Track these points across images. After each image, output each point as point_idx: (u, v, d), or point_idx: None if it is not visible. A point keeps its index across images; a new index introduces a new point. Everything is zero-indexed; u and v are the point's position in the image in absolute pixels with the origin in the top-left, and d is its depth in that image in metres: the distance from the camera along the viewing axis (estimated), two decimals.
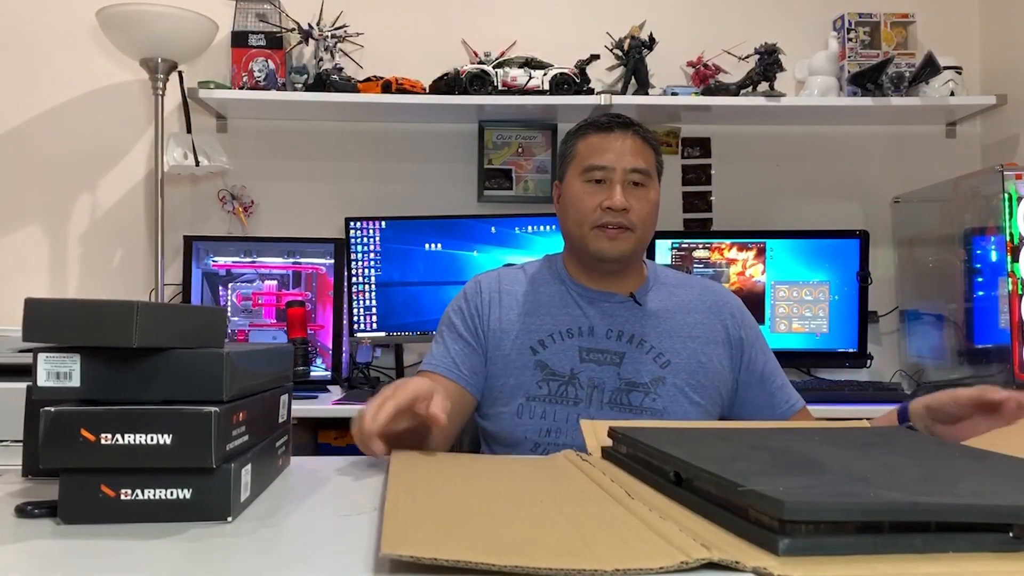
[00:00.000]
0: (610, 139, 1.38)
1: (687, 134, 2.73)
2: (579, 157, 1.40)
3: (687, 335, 1.39)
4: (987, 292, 2.25)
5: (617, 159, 1.36)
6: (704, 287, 1.47)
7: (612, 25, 2.60)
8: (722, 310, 1.43)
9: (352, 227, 2.47)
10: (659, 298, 1.42)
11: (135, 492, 0.72)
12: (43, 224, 2.61)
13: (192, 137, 2.44)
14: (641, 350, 1.36)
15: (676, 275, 1.50)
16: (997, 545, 0.60)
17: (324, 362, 2.47)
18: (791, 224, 2.65)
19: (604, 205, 1.35)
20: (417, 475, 0.87)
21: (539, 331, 1.38)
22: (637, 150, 1.38)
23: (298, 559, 0.64)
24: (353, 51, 2.60)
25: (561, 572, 0.56)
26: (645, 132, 1.42)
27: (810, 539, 0.59)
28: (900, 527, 0.60)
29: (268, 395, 0.88)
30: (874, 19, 2.59)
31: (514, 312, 1.40)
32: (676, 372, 1.36)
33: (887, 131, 2.75)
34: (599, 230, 1.36)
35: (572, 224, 1.39)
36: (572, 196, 1.39)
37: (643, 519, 0.68)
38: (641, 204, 1.37)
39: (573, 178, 1.40)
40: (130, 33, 2.29)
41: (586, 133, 1.41)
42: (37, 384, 0.73)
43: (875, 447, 0.86)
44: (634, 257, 1.41)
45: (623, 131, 1.39)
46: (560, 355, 1.36)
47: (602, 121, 1.41)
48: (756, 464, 0.73)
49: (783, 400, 1.42)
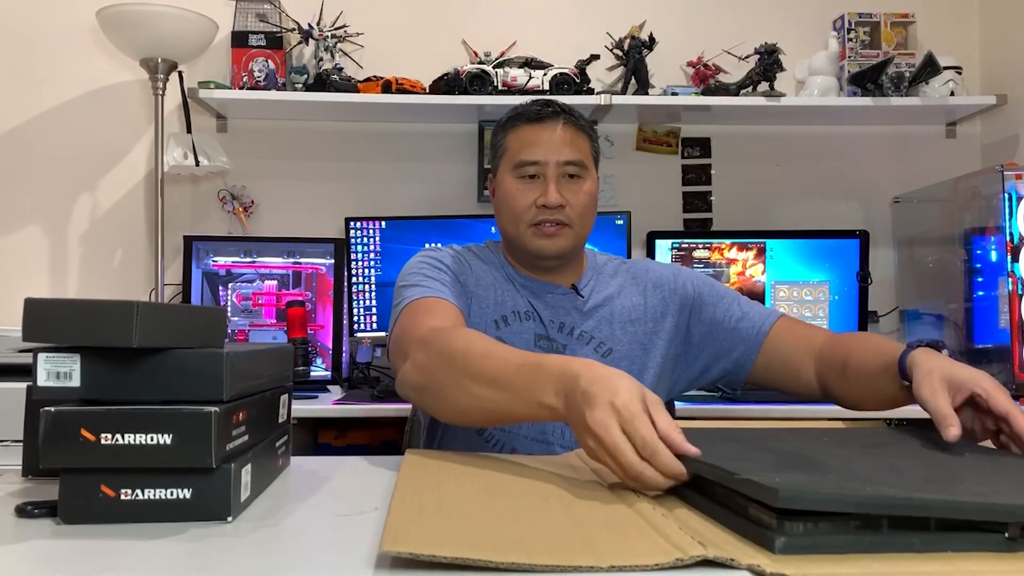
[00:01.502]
0: (541, 131, 1.31)
1: (687, 134, 2.73)
2: (510, 151, 1.33)
3: (627, 319, 1.36)
4: (987, 292, 2.25)
5: (549, 153, 1.30)
6: (640, 268, 1.43)
7: (612, 25, 2.60)
8: (659, 284, 1.39)
9: (352, 227, 2.47)
10: (600, 287, 1.39)
11: (135, 492, 0.72)
12: (43, 224, 2.61)
13: (192, 137, 2.44)
14: (582, 341, 1.33)
15: (615, 261, 1.46)
16: (993, 545, 0.60)
17: (324, 362, 2.47)
18: (791, 224, 2.65)
19: (539, 203, 1.29)
20: (426, 474, 0.87)
21: (502, 307, 1.34)
22: (571, 140, 1.31)
23: (298, 559, 0.64)
24: (353, 51, 2.60)
25: (558, 568, 0.56)
26: (579, 119, 1.34)
27: (807, 537, 0.59)
28: (897, 526, 0.60)
29: (268, 395, 0.88)
30: (874, 19, 2.59)
31: (480, 282, 1.35)
32: (618, 360, 1.33)
33: (887, 131, 2.75)
34: (535, 228, 1.30)
35: (507, 222, 1.34)
36: (505, 193, 1.33)
37: (646, 518, 0.69)
38: (577, 197, 1.31)
39: (505, 174, 1.34)
40: (130, 33, 2.29)
41: (516, 124, 1.33)
42: (37, 384, 0.73)
43: (883, 448, 0.86)
44: (574, 252, 1.36)
45: (554, 121, 1.31)
46: (518, 337, 1.32)
47: (532, 110, 1.33)
48: (759, 464, 0.73)
49: (749, 328, 1.34)
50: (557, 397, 0.87)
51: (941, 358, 1.00)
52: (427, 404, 1.08)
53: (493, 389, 0.95)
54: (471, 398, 0.97)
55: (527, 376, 0.92)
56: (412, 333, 1.15)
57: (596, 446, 0.79)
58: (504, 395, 0.93)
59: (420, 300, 1.24)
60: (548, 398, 0.88)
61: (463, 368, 0.99)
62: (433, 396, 1.04)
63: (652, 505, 0.73)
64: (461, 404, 0.99)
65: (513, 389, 0.93)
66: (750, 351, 1.33)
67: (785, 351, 1.31)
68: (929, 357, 1.00)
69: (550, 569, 0.56)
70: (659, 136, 2.72)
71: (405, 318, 1.21)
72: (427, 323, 1.15)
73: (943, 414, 0.89)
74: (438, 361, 1.04)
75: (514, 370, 0.94)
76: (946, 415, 0.89)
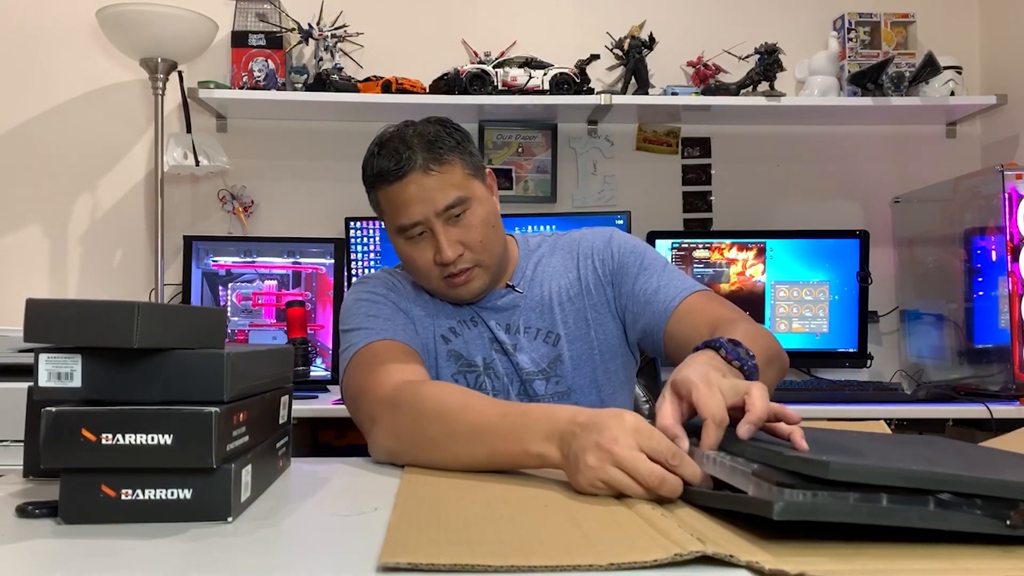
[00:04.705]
0: (406, 187, 1.20)
1: (687, 134, 2.73)
2: (387, 215, 1.26)
3: (566, 299, 1.33)
4: (987, 292, 2.25)
5: (425, 208, 1.20)
6: (570, 241, 1.38)
7: (612, 25, 2.60)
8: (589, 255, 1.35)
9: (352, 227, 2.47)
10: (536, 274, 1.35)
11: (135, 492, 0.72)
12: (43, 224, 2.61)
13: (192, 137, 2.44)
14: (529, 336, 1.31)
15: (546, 241, 1.40)
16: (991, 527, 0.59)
17: (324, 362, 2.47)
18: (791, 224, 2.65)
19: (436, 260, 1.23)
20: (426, 484, 0.87)
21: (447, 319, 1.31)
22: (440, 182, 1.21)
23: (298, 559, 0.64)
24: (353, 51, 2.60)
25: (557, 568, 0.56)
26: (439, 150, 1.21)
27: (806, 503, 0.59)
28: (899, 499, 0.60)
29: (268, 396, 0.89)
30: (874, 19, 2.59)
31: (418, 301, 1.32)
32: (570, 343, 1.31)
33: (887, 131, 2.75)
34: (446, 281, 1.25)
35: (419, 279, 1.29)
36: (403, 256, 1.27)
37: (646, 517, 0.69)
38: (471, 233, 1.23)
39: (393, 236, 1.27)
40: (130, 33, 2.29)
41: (379, 185, 1.24)
42: (38, 384, 0.73)
43: (912, 444, 0.87)
44: (494, 279, 1.30)
45: (413, 172, 1.20)
46: (472, 343, 1.30)
47: (389, 169, 1.21)
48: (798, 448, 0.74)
49: (662, 301, 1.27)
50: (548, 442, 0.84)
51: (692, 360, 0.91)
52: (406, 464, 1.01)
53: (473, 444, 0.92)
54: (452, 456, 0.94)
55: (511, 424, 0.89)
56: (375, 393, 1.11)
57: (609, 467, 0.76)
58: (486, 448, 0.91)
59: (368, 347, 1.20)
60: (536, 445, 0.85)
61: (439, 427, 0.96)
62: (411, 459, 1.00)
63: (652, 505, 0.73)
64: (443, 464, 0.95)
65: (496, 440, 0.90)
66: (659, 324, 1.27)
67: (685, 331, 1.22)
68: (686, 363, 0.91)
69: (549, 569, 0.56)
70: (659, 136, 2.72)
71: (358, 372, 1.18)
72: (388, 378, 1.11)
73: (661, 427, 0.82)
74: (411, 423, 1.01)
75: (496, 420, 0.91)
76: (664, 427, 0.81)
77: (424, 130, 1.24)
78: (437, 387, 1.08)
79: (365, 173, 1.27)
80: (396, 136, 1.24)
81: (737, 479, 0.67)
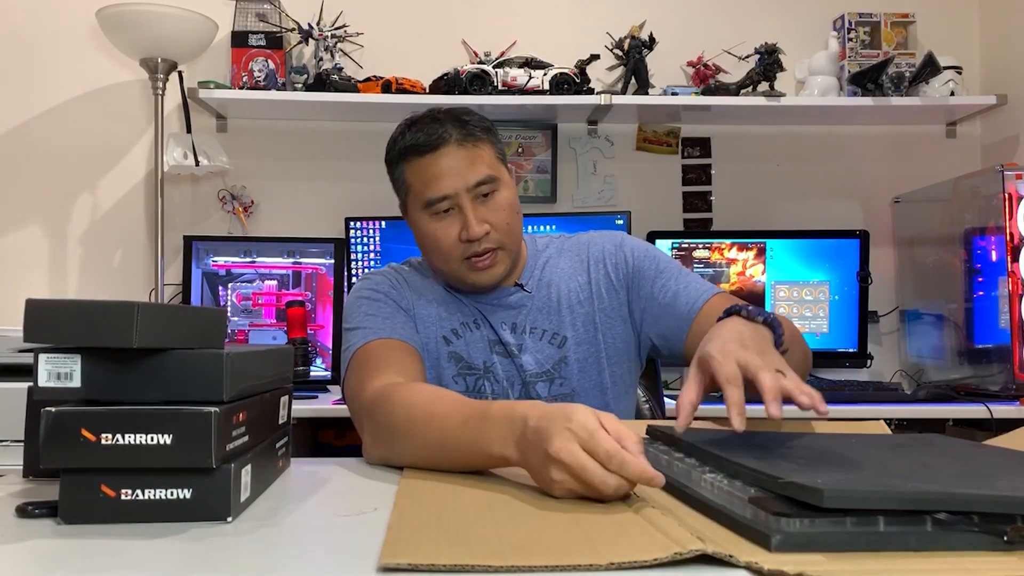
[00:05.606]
0: (439, 160, 1.21)
1: (687, 134, 2.73)
2: (413, 190, 1.25)
3: (575, 302, 1.32)
4: (987, 292, 2.25)
5: (456, 182, 1.21)
6: (577, 244, 1.39)
7: (612, 25, 2.60)
8: (600, 259, 1.35)
9: (352, 227, 2.47)
10: (544, 275, 1.35)
11: (135, 492, 0.72)
12: (43, 224, 2.61)
13: (192, 137, 2.44)
14: (535, 336, 1.31)
15: (553, 243, 1.40)
16: (990, 546, 0.60)
17: (324, 362, 2.47)
18: (791, 224, 2.65)
19: (463, 238, 1.22)
20: (426, 484, 0.87)
21: (449, 320, 1.31)
22: (471, 158, 1.22)
23: (298, 559, 0.64)
24: (353, 51, 2.60)
25: (557, 568, 0.56)
26: (472, 128, 1.24)
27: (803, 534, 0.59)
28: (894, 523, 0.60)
29: (268, 396, 0.89)
30: (874, 19, 2.59)
31: (421, 300, 1.32)
32: (576, 345, 1.31)
33: (887, 131, 2.75)
34: (468, 263, 1.24)
35: (438, 262, 1.28)
36: (425, 235, 1.26)
37: (646, 517, 0.69)
38: (498, 215, 1.23)
39: (417, 213, 1.26)
40: (130, 33, 2.29)
41: (410, 159, 1.25)
42: (38, 384, 0.73)
43: (911, 448, 0.86)
44: (513, 267, 1.31)
45: (448, 144, 1.22)
46: (473, 346, 1.30)
47: (423, 141, 1.22)
48: (795, 462, 0.74)
49: (683, 305, 1.28)
50: (504, 445, 0.85)
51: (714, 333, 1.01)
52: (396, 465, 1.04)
53: (442, 453, 0.93)
54: (428, 463, 0.95)
55: (472, 431, 0.89)
56: (360, 399, 1.13)
57: (561, 475, 0.76)
58: (455, 455, 0.92)
59: (365, 347, 1.21)
60: (495, 447, 0.86)
61: (409, 440, 0.98)
62: (398, 464, 1.01)
63: (652, 504, 0.73)
64: (425, 467, 0.96)
65: (461, 449, 0.90)
66: (681, 328, 1.28)
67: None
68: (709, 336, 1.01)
69: (549, 569, 0.56)
70: (659, 136, 2.72)
71: (353, 374, 1.20)
72: (372, 383, 1.12)
73: (680, 403, 0.93)
74: (386, 434, 1.03)
75: (458, 429, 0.91)
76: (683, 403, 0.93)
77: (455, 112, 1.26)
78: (408, 393, 1.06)
79: (392, 149, 1.28)
80: (427, 116, 1.26)
81: (735, 505, 0.67)
